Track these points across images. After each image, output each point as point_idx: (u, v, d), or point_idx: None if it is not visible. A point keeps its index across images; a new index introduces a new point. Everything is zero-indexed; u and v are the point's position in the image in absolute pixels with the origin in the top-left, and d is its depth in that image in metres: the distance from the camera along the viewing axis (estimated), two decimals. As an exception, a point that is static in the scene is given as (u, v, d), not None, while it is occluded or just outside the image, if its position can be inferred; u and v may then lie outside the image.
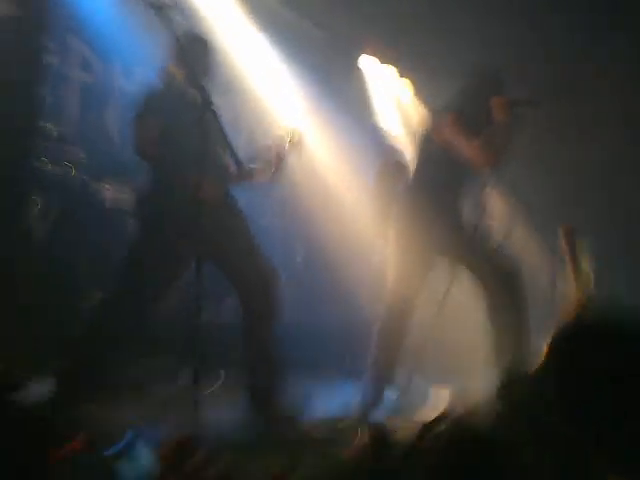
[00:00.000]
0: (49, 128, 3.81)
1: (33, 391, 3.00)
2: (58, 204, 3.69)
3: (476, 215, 3.53)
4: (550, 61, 5.89)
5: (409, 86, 6.97)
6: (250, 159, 3.50)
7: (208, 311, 3.67)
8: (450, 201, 3.59)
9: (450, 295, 3.65)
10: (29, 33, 3.43)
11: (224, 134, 3.35)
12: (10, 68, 3.19)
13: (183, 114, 3.00)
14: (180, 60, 3.20)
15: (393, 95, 7.05)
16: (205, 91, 2.94)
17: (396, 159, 5.41)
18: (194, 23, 4.60)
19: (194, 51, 3.22)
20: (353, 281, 5.13)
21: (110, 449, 2.00)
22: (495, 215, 5.32)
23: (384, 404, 3.59)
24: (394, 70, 6.81)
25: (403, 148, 6.01)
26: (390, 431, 1.72)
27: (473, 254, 3.48)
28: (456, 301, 3.84)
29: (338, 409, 3.40)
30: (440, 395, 3.85)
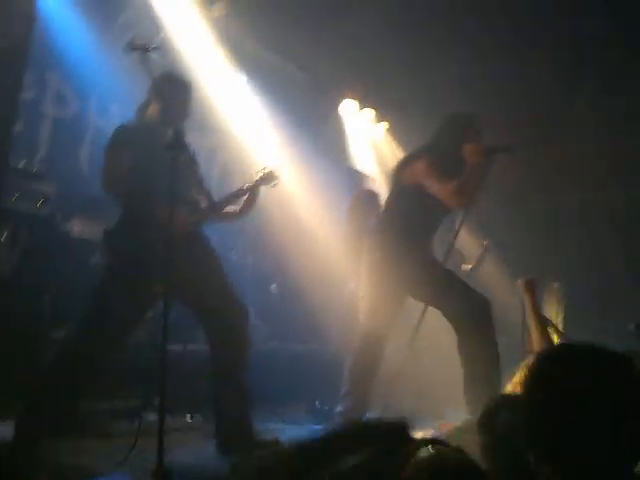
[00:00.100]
0: (21, 164, 3.77)
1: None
2: (26, 237, 3.63)
3: (446, 252, 3.56)
4: (527, 109, 6.07)
5: (386, 129, 7.09)
6: (223, 196, 3.50)
7: (177, 341, 3.63)
8: (421, 239, 3.64)
9: (422, 327, 3.66)
10: (6, 68, 3.41)
11: (197, 171, 3.36)
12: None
13: (156, 150, 2.99)
14: (156, 97, 3.22)
15: (370, 137, 7.16)
16: (180, 128, 2.94)
17: (368, 189, 5.48)
18: (173, 62, 4.64)
19: (171, 89, 3.24)
20: (325, 314, 5.10)
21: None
22: (465, 252, 5.38)
23: None
24: (372, 113, 6.93)
25: (376, 186, 6.09)
26: None
27: (442, 293, 3.51)
28: (429, 333, 3.86)
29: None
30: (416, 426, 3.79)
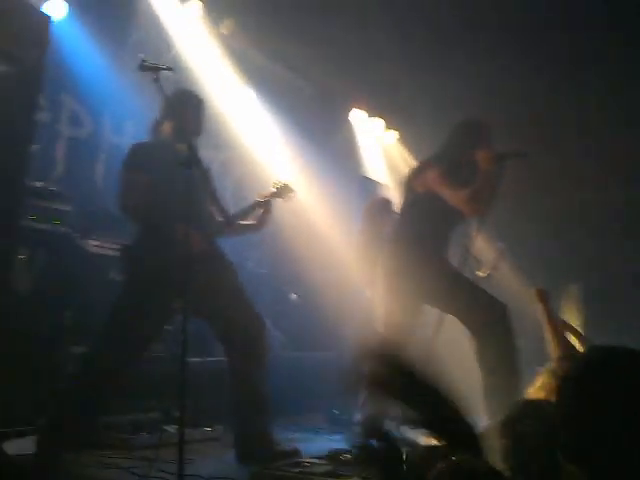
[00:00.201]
0: (38, 186, 3.83)
1: (16, 445, 2.96)
2: (45, 255, 3.68)
3: (462, 259, 3.55)
4: (535, 115, 6.08)
5: (396, 137, 7.11)
6: (238, 210, 3.54)
7: (195, 354, 3.67)
8: (436, 246, 3.63)
9: (441, 334, 3.65)
10: (22, 91, 3.48)
11: (212, 187, 3.40)
12: (1, 125, 3.23)
13: (171, 167, 3.03)
14: (170, 115, 3.26)
15: (381, 145, 7.18)
16: (194, 144, 2.99)
17: (382, 197, 5.48)
18: (184, 79, 4.71)
19: (184, 106, 3.29)
20: (342, 322, 5.12)
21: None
22: (481, 258, 5.37)
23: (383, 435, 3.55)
24: (381, 122, 6.96)
25: (389, 194, 6.10)
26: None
27: (459, 301, 3.50)
28: (448, 340, 3.85)
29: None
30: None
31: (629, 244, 6.40)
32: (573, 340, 3.55)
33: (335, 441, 3.89)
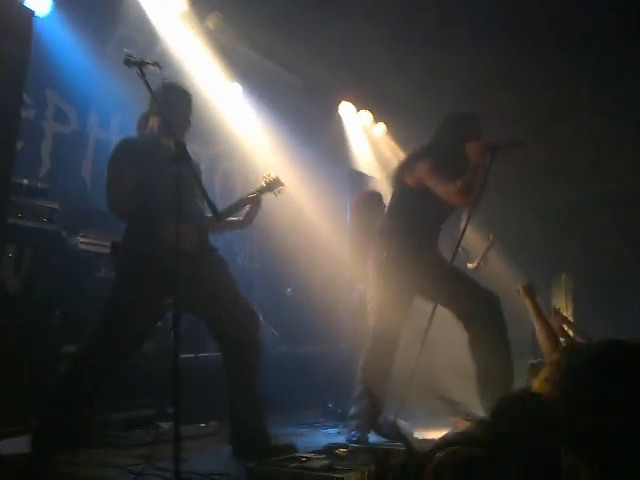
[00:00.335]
0: (24, 183, 3.80)
1: (7, 444, 2.94)
2: (33, 253, 3.65)
3: (452, 251, 3.55)
4: (522, 108, 6.10)
5: (384, 130, 7.11)
6: (227, 205, 3.52)
7: (188, 350, 3.65)
8: (427, 238, 3.64)
9: (435, 326, 3.65)
10: (5, 87, 3.44)
11: (200, 183, 3.38)
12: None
13: (159, 163, 3.00)
14: (157, 110, 3.23)
15: (369, 138, 7.18)
16: (181, 139, 2.96)
17: (371, 190, 5.49)
18: (172, 74, 4.67)
19: (171, 101, 3.25)
20: (336, 316, 5.12)
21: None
22: (471, 250, 5.39)
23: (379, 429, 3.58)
24: (370, 115, 6.96)
25: (379, 187, 6.11)
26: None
27: (450, 292, 3.51)
28: (442, 331, 3.86)
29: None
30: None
31: (618, 235, 6.46)
32: (566, 330, 3.57)
33: (331, 435, 3.91)
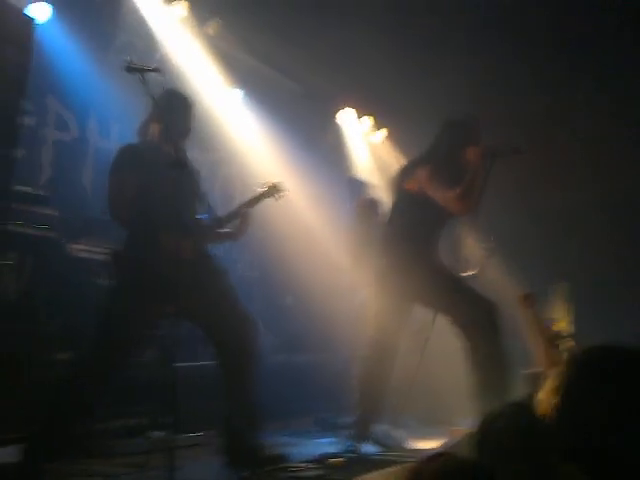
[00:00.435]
0: (25, 190, 3.80)
1: (2, 453, 2.92)
2: (33, 261, 3.65)
3: (452, 257, 3.54)
4: (520, 113, 6.10)
5: (385, 136, 7.11)
6: (226, 215, 3.50)
7: (185, 359, 3.64)
8: (426, 245, 3.63)
9: (434, 334, 3.64)
10: (6, 94, 3.44)
11: (200, 191, 3.37)
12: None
13: (159, 169, 3.00)
14: (157, 116, 3.23)
15: (370, 145, 7.18)
16: (182, 146, 2.96)
17: (370, 197, 5.48)
18: (172, 80, 4.67)
19: (171, 107, 3.25)
20: (335, 324, 5.11)
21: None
22: (470, 257, 5.38)
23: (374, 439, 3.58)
24: (371, 121, 6.96)
25: (378, 194, 6.11)
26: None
27: (448, 299, 3.50)
28: (440, 340, 3.85)
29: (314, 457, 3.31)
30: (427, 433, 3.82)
31: (617, 242, 6.45)
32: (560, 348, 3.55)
33: (325, 445, 3.88)
